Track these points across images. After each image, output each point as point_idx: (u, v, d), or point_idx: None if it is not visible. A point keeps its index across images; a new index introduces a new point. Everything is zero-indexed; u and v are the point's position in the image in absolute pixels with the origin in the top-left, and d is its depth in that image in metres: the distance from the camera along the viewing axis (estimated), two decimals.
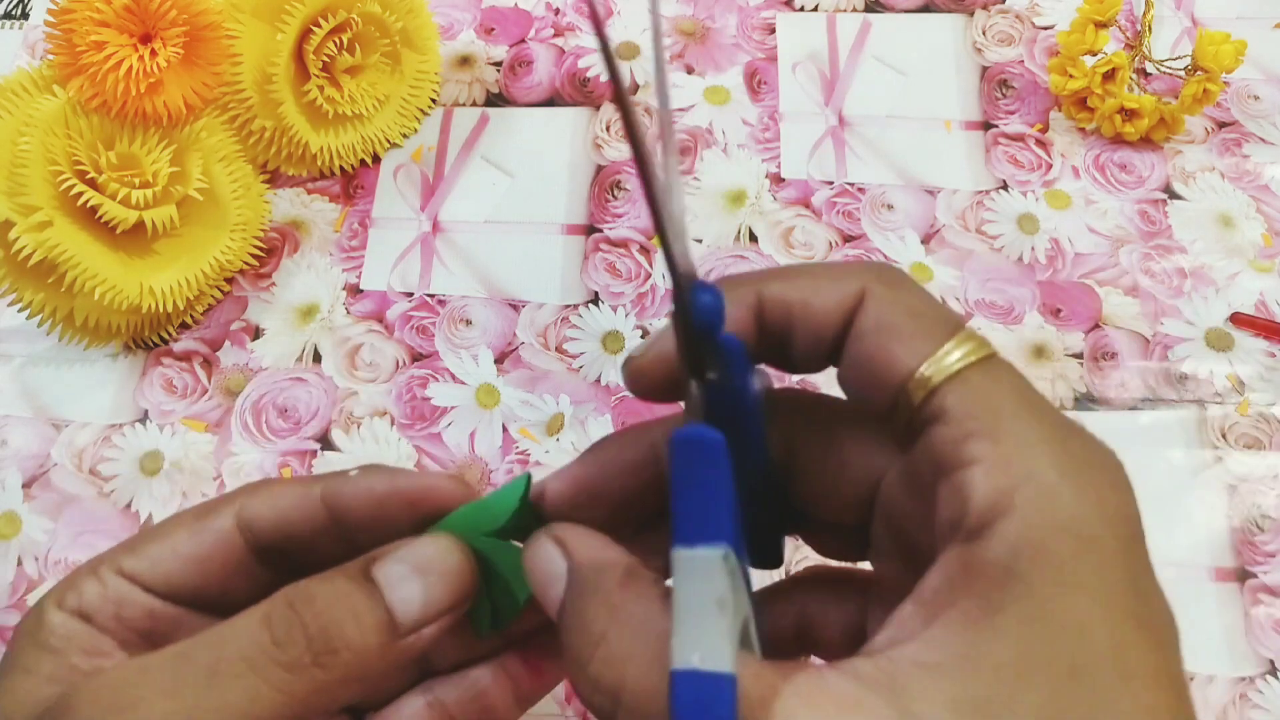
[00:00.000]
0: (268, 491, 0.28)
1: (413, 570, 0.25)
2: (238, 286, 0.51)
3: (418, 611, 0.25)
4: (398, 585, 0.25)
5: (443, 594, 0.25)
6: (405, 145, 0.55)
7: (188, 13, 0.43)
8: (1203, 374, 0.48)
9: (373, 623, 0.24)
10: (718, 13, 0.59)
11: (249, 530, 0.27)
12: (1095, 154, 0.54)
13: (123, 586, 0.26)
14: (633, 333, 0.49)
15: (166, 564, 0.27)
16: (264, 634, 0.24)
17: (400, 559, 0.25)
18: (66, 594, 0.26)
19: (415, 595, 0.25)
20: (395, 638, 0.25)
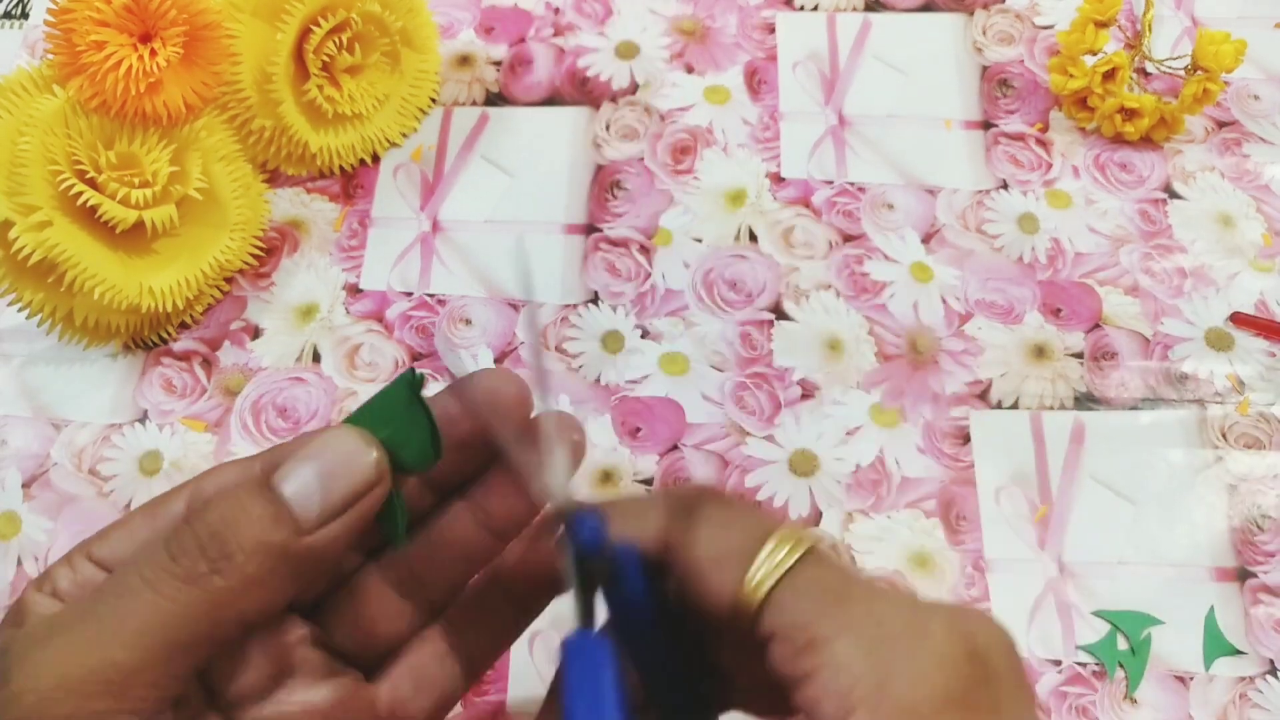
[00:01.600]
0: (215, 474, 0.28)
1: (313, 468, 0.25)
2: (237, 286, 0.51)
3: (317, 507, 0.24)
4: (298, 485, 0.25)
5: (346, 485, 0.25)
6: (405, 145, 0.55)
7: (187, 12, 0.43)
8: (1203, 374, 0.48)
9: (271, 522, 0.24)
10: (718, 12, 0.59)
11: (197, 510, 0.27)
12: (1095, 154, 0.54)
13: (89, 570, 0.27)
14: (632, 332, 0.49)
15: (123, 545, 0.27)
16: (162, 552, 0.24)
17: (301, 459, 0.25)
18: (44, 580, 0.27)
19: (313, 490, 0.24)
20: (297, 536, 0.24)
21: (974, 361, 0.48)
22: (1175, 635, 0.42)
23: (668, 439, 0.47)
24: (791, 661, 0.22)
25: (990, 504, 0.45)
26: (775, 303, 0.50)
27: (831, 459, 0.46)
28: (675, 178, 0.53)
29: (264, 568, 0.24)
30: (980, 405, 0.47)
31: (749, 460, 0.46)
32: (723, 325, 0.49)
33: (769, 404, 0.47)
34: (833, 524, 0.45)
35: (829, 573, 0.23)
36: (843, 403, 0.47)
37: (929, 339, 0.49)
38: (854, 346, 0.49)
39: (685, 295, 0.50)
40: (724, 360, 0.49)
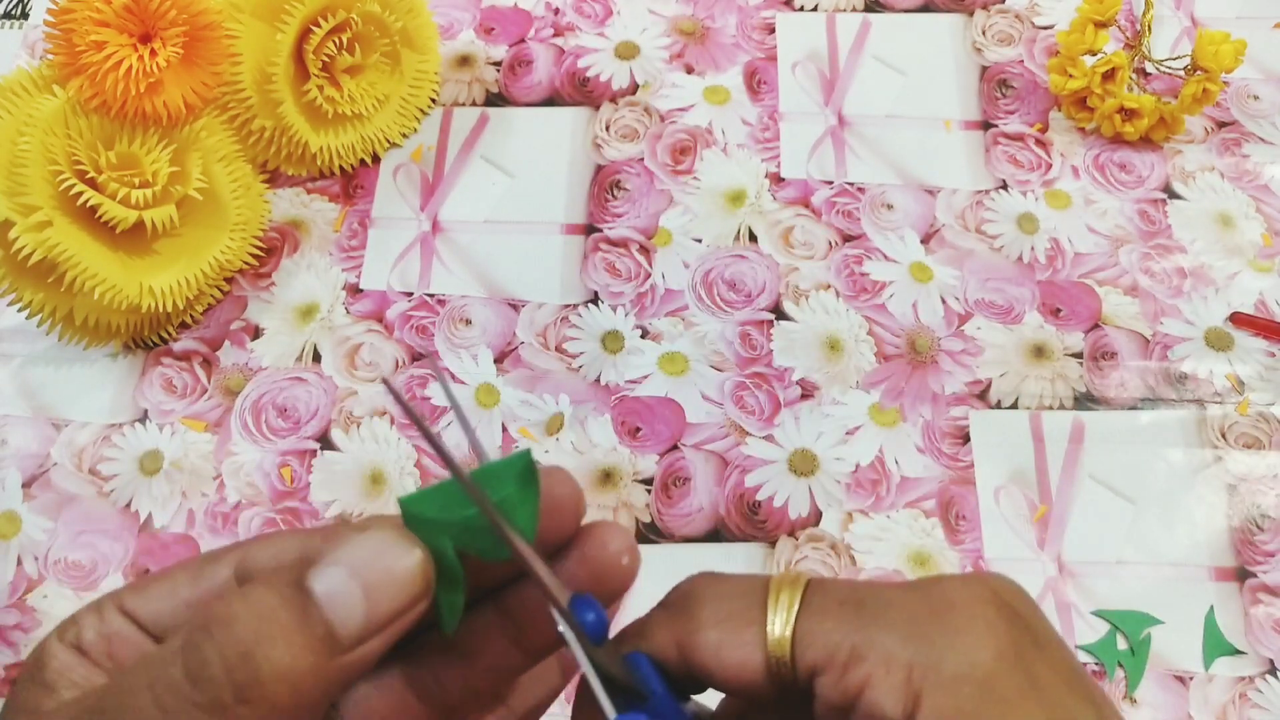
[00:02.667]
0: (271, 543, 0.25)
1: (353, 574, 0.22)
2: (237, 286, 0.51)
3: (360, 623, 0.22)
4: (336, 594, 0.21)
5: (390, 600, 0.22)
6: (405, 145, 0.55)
7: (187, 13, 0.43)
8: (1202, 374, 0.48)
9: (306, 641, 0.21)
10: (718, 12, 0.59)
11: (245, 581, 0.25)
12: (1095, 154, 0.54)
13: (118, 623, 0.25)
14: (632, 332, 0.49)
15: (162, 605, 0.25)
16: (177, 668, 0.21)
17: (337, 561, 0.22)
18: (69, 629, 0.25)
19: (356, 602, 0.22)
20: (334, 656, 0.21)
21: (973, 361, 0.48)
22: (1175, 635, 0.42)
23: (668, 439, 0.47)
24: (842, 682, 0.22)
25: (990, 504, 0.45)
26: (775, 303, 0.50)
27: (831, 459, 0.46)
28: (675, 178, 0.53)
29: (297, 693, 0.21)
30: (980, 405, 0.47)
31: (749, 460, 0.46)
32: (722, 325, 0.49)
33: (769, 404, 0.47)
34: (832, 524, 0.45)
35: (837, 590, 0.23)
36: (842, 402, 0.47)
37: (928, 339, 0.49)
38: (853, 346, 0.49)
39: (685, 295, 0.50)
40: (724, 360, 0.49)
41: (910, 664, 0.22)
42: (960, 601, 0.22)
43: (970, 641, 0.22)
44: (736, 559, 0.44)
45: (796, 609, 0.23)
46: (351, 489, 0.46)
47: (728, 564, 0.44)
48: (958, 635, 0.22)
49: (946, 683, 0.21)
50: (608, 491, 0.46)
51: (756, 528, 0.45)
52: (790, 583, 0.23)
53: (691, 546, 0.45)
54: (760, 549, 0.44)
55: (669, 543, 0.45)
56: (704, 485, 0.46)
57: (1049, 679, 0.22)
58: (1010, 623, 0.22)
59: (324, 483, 0.46)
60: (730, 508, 0.45)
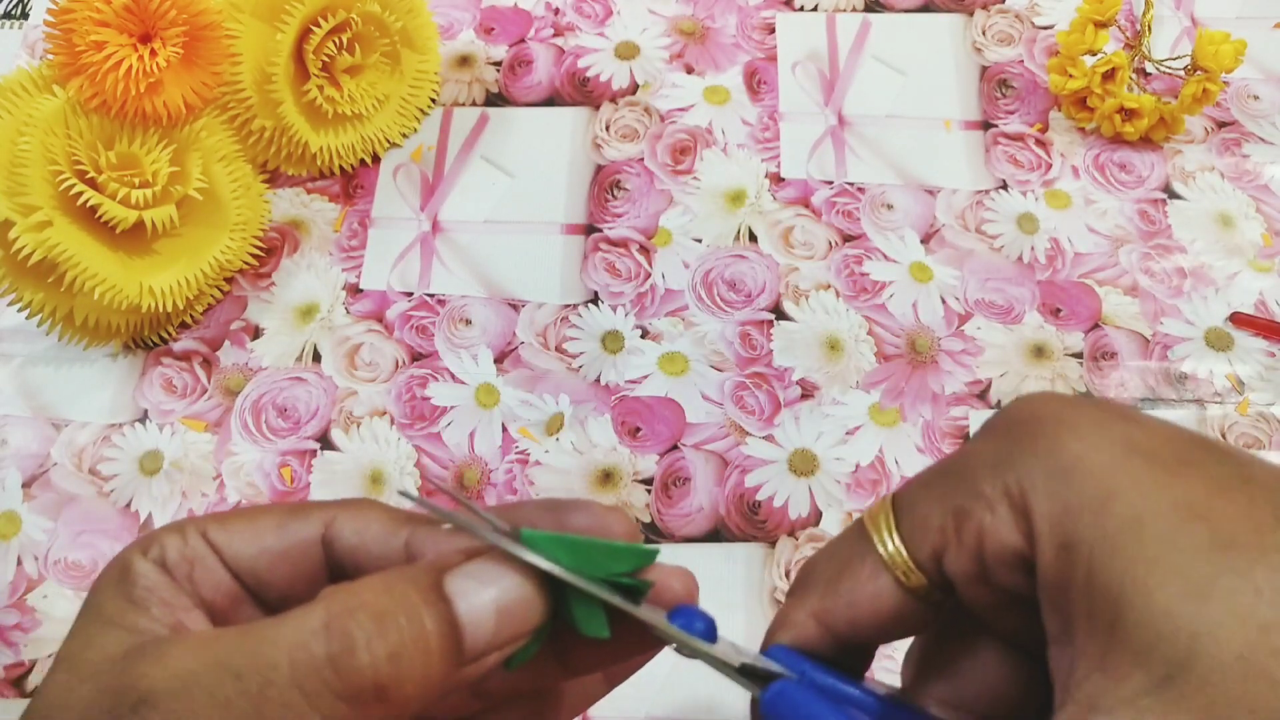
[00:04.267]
0: (359, 512, 0.26)
1: (488, 590, 0.22)
2: (237, 286, 0.51)
3: (487, 638, 0.22)
4: (472, 606, 0.22)
5: (513, 623, 0.23)
6: (405, 145, 0.55)
7: (187, 12, 0.43)
8: (1202, 374, 0.48)
9: (442, 650, 0.22)
10: (718, 12, 0.59)
11: (331, 546, 0.26)
12: (1095, 154, 0.54)
13: (203, 550, 0.25)
14: (632, 332, 0.49)
15: (247, 547, 0.25)
16: (321, 649, 0.21)
17: (477, 577, 0.22)
18: (150, 546, 0.25)
19: (488, 619, 0.22)
20: (459, 666, 0.22)
21: (973, 361, 0.48)
22: None
23: (668, 439, 0.47)
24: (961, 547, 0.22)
25: None
26: (775, 303, 0.50)
27: (831, 459, 0.46)
28: (675, 178, 0.53)
29: (422, 698, 0.22)
30: (980, 405, 0.47)
31: (749, 460, 0.46)
32: (722, 325, 0.49)
33: (769, 404, 0.47)
34: (832, 524, 0.45)
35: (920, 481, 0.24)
36: (842, 402, 0.47)
37: (928, 339, 0.49)
38: (853, 346, 0.49)
39: (685, 295, 0.50)
40: (724, 360, 0.49)
41: (1005, 489, 0.21)
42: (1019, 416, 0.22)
43: (1045, 443, 0.21)
44: (737, 559, 0.44)
45: (893, 518, 0.23)
46: (352, 489, 0.46)
47: (728, 564, 0.44)
48: (1032, 440, 0.22)
49: (1041, 483, 0.21)
50: (608, 491, 0.46)
51: (756, 528, 0.45)
52: (879, 505, 0.24)
53: (691, 546, 0.45)
54: (760, 549, 0.44)
55: (669, 542, 0.45)
56: (704, 485, 0.46)
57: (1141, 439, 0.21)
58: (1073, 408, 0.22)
59: (324, 483, 0.46)
60: (730, 508, 0.45)
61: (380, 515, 0.26)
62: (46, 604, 0.44)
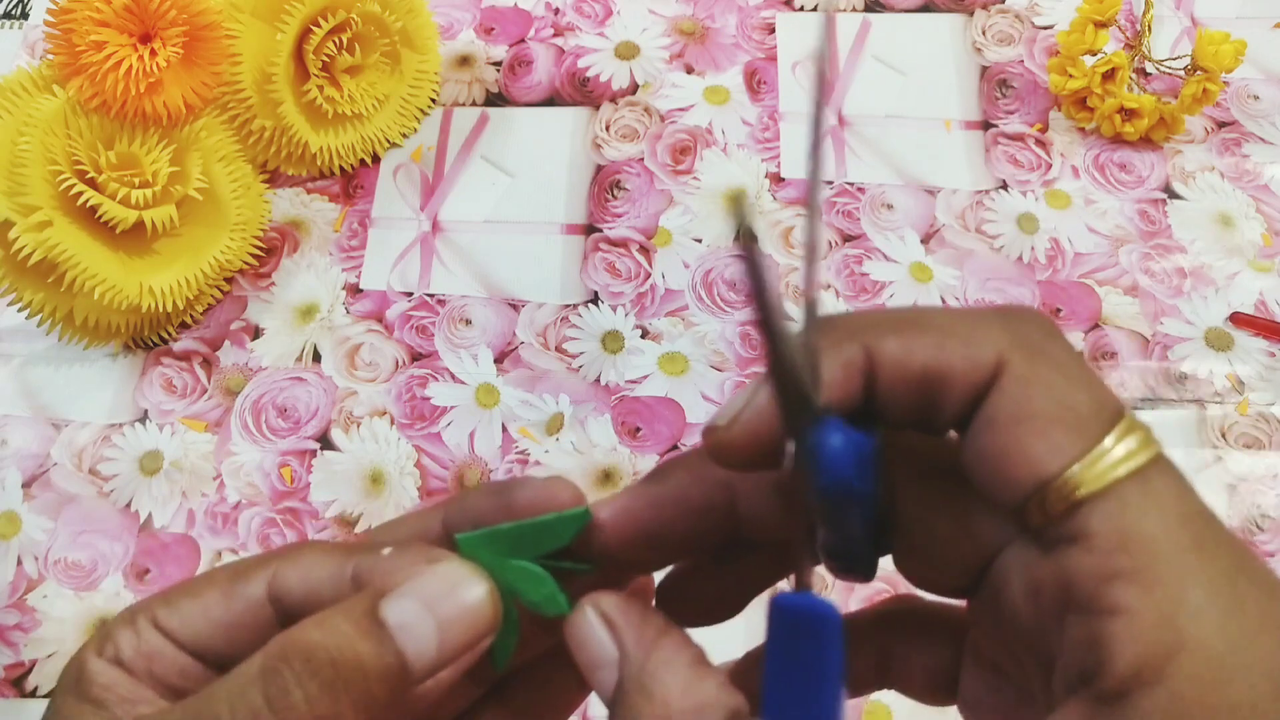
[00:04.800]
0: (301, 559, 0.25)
1: (426, 607, 0.22)
2: (237, 286, 0.51)
3: (433, 655, 0.22)
4: (410, 626, 0.22)
5: (461, 633, 0.22)
6: (405, 145, 0.55)
7: (187, 13, 0.43)
8: (1202, 373, 0.48)
9: (381, 672, 0.21)
10: (718, 13, 0.59)
11: (278, 601, 0.25)
12: (1095, 154, 0.54)
13: (156, 640, 0.25)
14: (632, 332, 0.49)
15: (197, 624, 0.25)
16: (258, 696, 0.21)
17: (410, 594, 0.22)
18: (105, 644, 0.25)
19: (429, 637, 0.22)
20: (406, 687, 0.22)
21: None
22: None
23: (668, 438, 0.47)
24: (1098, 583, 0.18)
25: None
26: None
27: None
28: (675, 178, 0.53)
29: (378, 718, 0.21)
30: None
31: None
32: (722, 325, 0.49)
33: None
34: None
35: (1180, 489, 0.18)
36: None
37: None
38: None
39: (685, 295, 0.50)
40: (724, 360, 0.49)
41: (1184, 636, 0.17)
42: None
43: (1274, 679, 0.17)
44: None
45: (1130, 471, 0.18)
46: (351, 489, 0.46)
47: None
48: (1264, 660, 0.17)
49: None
50: (608, 491, 0.46)
51: None
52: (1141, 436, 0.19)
53: None
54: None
55: None
56: None
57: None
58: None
59: (324, 483, 0.46)
60: None
61: (320, 556, 0.25)
62: (46, 604, 0.44)
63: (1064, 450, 0.18)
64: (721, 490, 0.23)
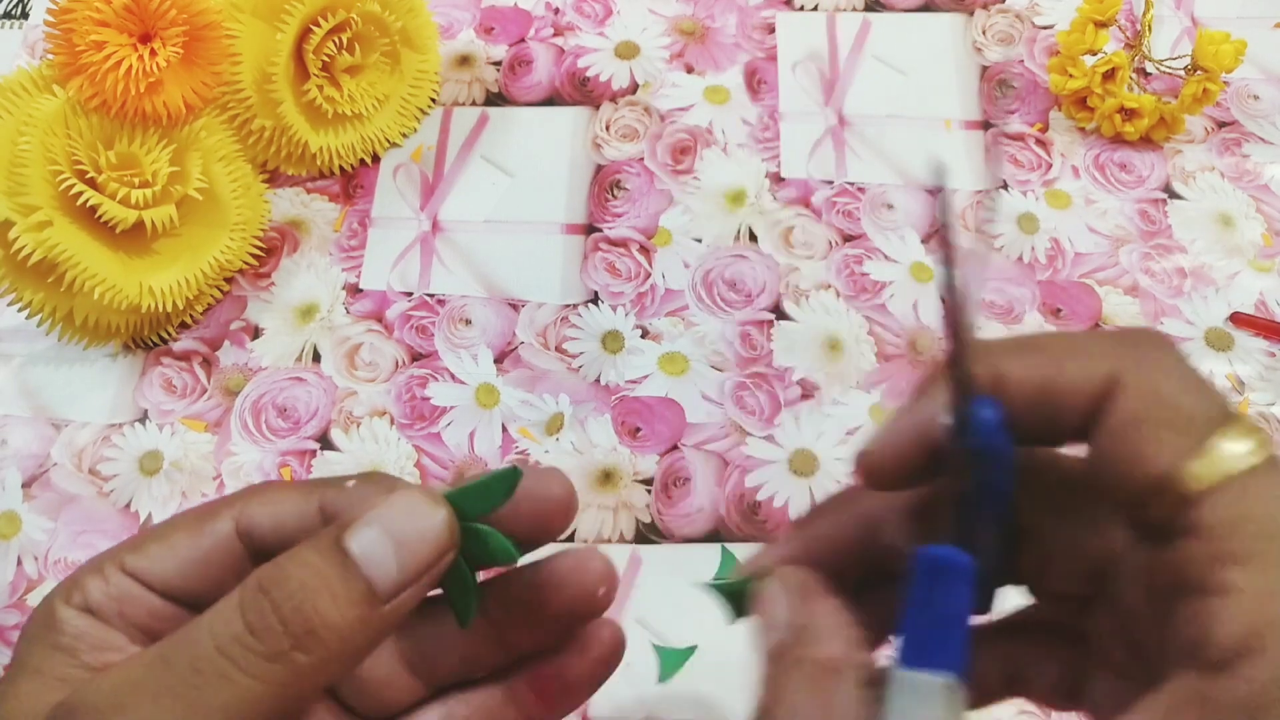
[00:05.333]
0: (267, 496, 0.27)
1: (385, 533, 0.24)
2: (237, 286, 0.51)
3: (395, 576, 0.24)
4: (371, 551, 0.24)
5: (420, 553, 0.24)
6: (405, 145, 0.55)
7: (187, 12, 0.43)
8: None
9: (349, 596, 0.23)
10: (718, 12, 0.59)
11: (248, 536, 0.27)
12: (1095, 154, 0.54)
13: (126, 584, 0.26)
14: (632, 332, 0.49)
15: (167, 565, 0.26)
16: (238, 621, 0.23)
17: (371, 522, 0.24)
18: (72, 592, 0.26)
19: (389, 559, 0.24)
20: (375, 608, 0.24)
21: None
22: None
23: (668, 439, 0.47)
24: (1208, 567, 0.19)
25: None
26: (775, 303, 0.50)
27: (832, 459, 0.46)
28: (675, 178, 0.53)
29: (346, 642, 0.23)
30: None
31: (749, 460, 0.46)
32: (723, 325, 0.49)
33: (769, 404, 0.47)
34: None
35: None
36: (843, 403, 0.47)
37: (929, 339, 0.49)
38: (854, 346, 0.49)
39: (685, 295, 0.50)
40: (724, 360, 0.49)
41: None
42: None
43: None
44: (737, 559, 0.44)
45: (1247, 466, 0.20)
46: None
47: (728, 564, 0.44)
48: None
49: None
50: (608, 492, 0.46)
51: (757, 528, 0.45)
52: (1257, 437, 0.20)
53: (691, 547, 0.45)
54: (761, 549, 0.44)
55: (669, 543, 0.45)
56: (704, 485, 0.46)
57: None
58: None
59: None
60: (730, 508, 0.45)
61: (288, 492, 0.27)
62: None
63: (1179, 449, 0.20)
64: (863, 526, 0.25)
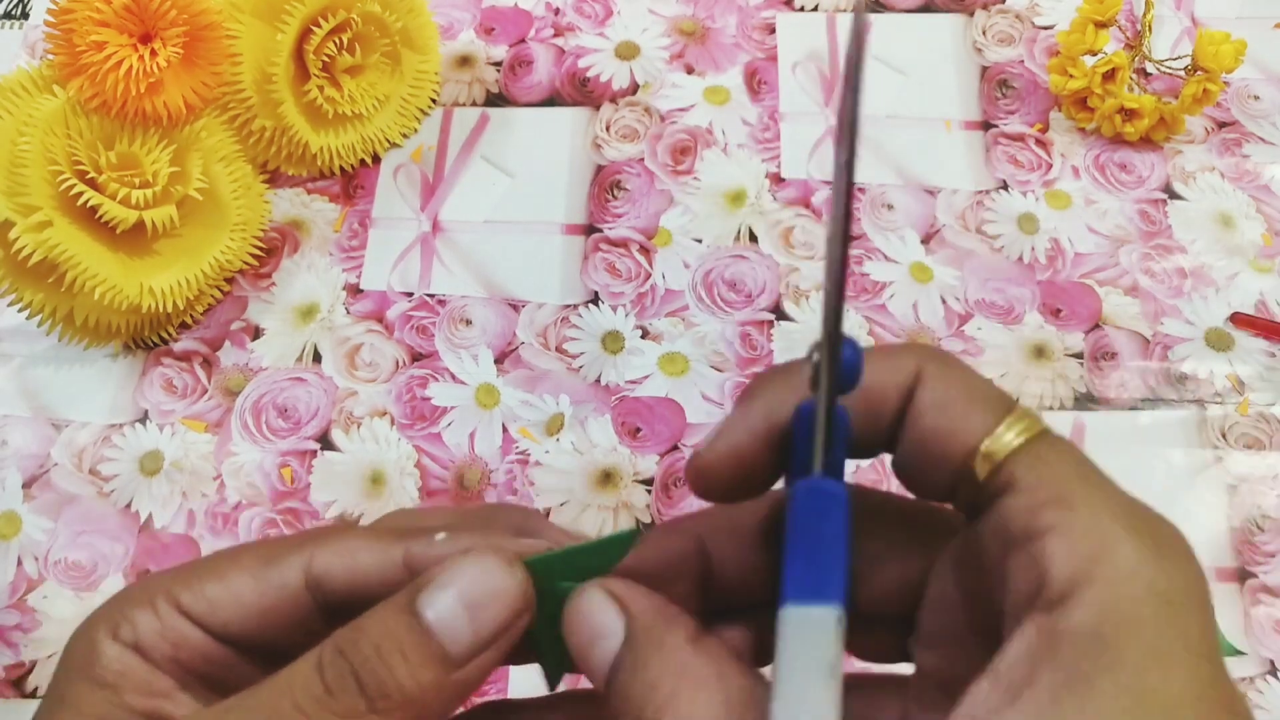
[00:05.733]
0: (342, 546, 0.26)
1: (458, 596, 0.23)
2: (237, 286, 0.51)
3: (468, 641, 0.23)
4: (444, 615, 0.23)
5: (493, 617, 0.24)
6: (405, 145, 0.55)
7: (188, 13, 0.43)
8: (1203, 374, 0.48)
9: (422, 659, 0.23)
10: (718, 13, 0.59)
11: (318, 587, 0.26)
12: (1095, 154, 0.54)
13: (181, 625, 0.25)
14: (632, 332, 0.49)
15: (227, 609, 0.25)
16: (316, 682, 0.23)
17: (444, 585, 0.24)
18: (120, 625, 0.25)
19: (462, 623, 0.23)
20: (448, 671, 0.23)
21: (974, 362, 0.48)
22: None
23: (668, 439, 0.47)
24: (1030, 514, 0.21)
25: None
26: (775, 303, 0.50)
27: None
28: (675, 178, 0.53)
29: (421, 705, 0.23)
30: None
31: None
32: (723, 325, 0.49)
33: None
34: None
35: (1076, 450, 0.22)
36: None
37: (929, 339, 0.49)
38: None
39: (685, 295, 0.50)
40: (724, 360, 0.49)
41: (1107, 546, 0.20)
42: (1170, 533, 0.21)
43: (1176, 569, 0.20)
44: None
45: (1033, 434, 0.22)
46: (351, 489, 0.46)
47: None
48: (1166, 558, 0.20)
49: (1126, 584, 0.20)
50: (608, 492, 0.46)
51: None
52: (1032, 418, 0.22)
53: None
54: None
55: None
56: None
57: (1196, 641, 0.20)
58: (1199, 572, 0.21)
59: (324, 483, 0.46)
60: None
61: (362, 541, 0.26)
62: (46, 604, 0.44)
63: (984, 423, 0.22)
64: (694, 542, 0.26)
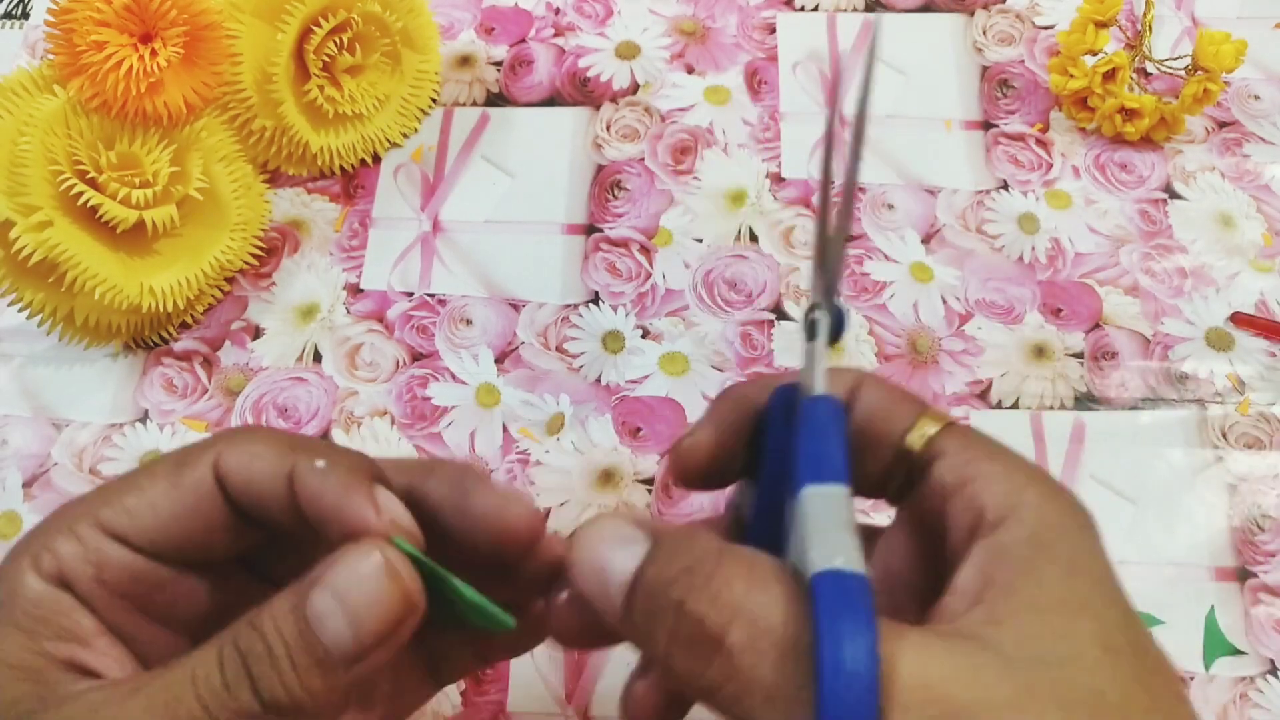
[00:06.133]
0: (246, 449, 0.26)
1: (340, 604, 0.23)
2: (238, 286, 0.51)
3: (351, 649, 0.23)
4: (327, 620, 0.23)
5: (374, 627, 0.23)
6: (405, 145, 0.55)
7: (188, 12, 0.43)
8: (1203, 374, 0.48)
9: (308, 665, 0.23)
10: (718, 12, 0.59)
11: (224, 483, 0.26)
12: (1095, 154, 0.54)
13: (103, 544, 0.25)
14: (633, 332, 0.49)
15: (147, 520, 0.25)
16: (217, 676, 0.23)
17: (327, 587, 0.23)
18: (41, 555, 0.24)
19: (343, 629, 0.23)
20: (337, 675, 0.23)
21: (974, 361, 0.48)
22: (1176, 635, 0.42)
23: (668, 439, 0.47)
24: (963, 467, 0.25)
25: None
26: (775, 303, 0.50)
27: None
28: (675, 178, 0.53)
29: (309, 705, 0.23)
30: (980, 405, 0.47)
31: None
32: (723, 325, 0.49)
33: None
34: None
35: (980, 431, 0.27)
36: None
37: (929, 339, 0.49)
38: (854, 346, 0.49)
39: (685, 295, 0.50)
40: (724, 360, 0.49)
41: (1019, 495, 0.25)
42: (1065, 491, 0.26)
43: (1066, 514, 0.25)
44: None
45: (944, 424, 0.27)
46: None
47: None
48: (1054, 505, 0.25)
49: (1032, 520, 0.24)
50: (608, 492, 0.46)
51: None
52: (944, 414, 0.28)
53: None
54: None
55: None
56: None
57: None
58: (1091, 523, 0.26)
59: None
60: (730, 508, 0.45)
61: (263, 446, 0.26)
62: None
63: (910, 414, 0.27)
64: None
